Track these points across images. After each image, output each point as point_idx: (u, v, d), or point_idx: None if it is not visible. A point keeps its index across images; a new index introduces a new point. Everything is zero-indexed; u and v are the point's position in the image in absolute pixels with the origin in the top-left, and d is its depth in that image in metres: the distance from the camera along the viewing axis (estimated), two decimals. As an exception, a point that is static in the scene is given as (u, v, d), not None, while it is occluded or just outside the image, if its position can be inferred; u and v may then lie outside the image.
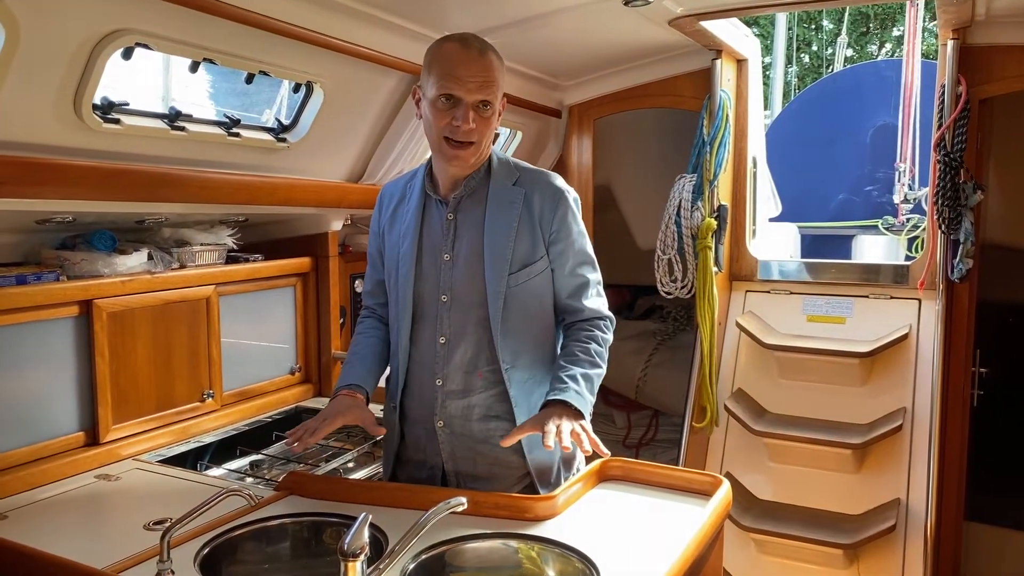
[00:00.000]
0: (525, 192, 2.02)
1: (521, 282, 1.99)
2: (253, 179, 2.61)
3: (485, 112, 1.93)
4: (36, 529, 1.88)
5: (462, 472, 2.05)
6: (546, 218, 2.01)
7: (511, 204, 2.01)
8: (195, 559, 1.68)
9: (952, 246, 3.39)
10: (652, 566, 1.64)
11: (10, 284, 2.09)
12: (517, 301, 1.99)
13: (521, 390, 2.01)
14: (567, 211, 2.04)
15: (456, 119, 1.90)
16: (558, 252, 2.04)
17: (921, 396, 3.50)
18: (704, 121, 3.74)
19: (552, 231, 2.02)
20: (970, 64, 3.32)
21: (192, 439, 2.59)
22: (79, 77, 1.94)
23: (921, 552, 3.25)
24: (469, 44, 1.93)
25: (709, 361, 3.76)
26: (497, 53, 1.97)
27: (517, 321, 2.00)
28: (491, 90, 1.92)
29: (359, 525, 1.39)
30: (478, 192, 2.03)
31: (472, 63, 1.90)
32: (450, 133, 1.92)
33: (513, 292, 1.98)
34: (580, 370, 1.97)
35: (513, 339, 2.00)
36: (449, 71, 1.90)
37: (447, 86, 1.89)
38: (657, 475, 2.11)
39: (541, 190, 2.03)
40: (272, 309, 3.03)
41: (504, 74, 1.98)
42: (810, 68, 18.19)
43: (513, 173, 2.06)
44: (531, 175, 2.07)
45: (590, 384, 1.97)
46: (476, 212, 2.02)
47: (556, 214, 2.02)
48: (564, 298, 2.07)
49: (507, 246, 1.98)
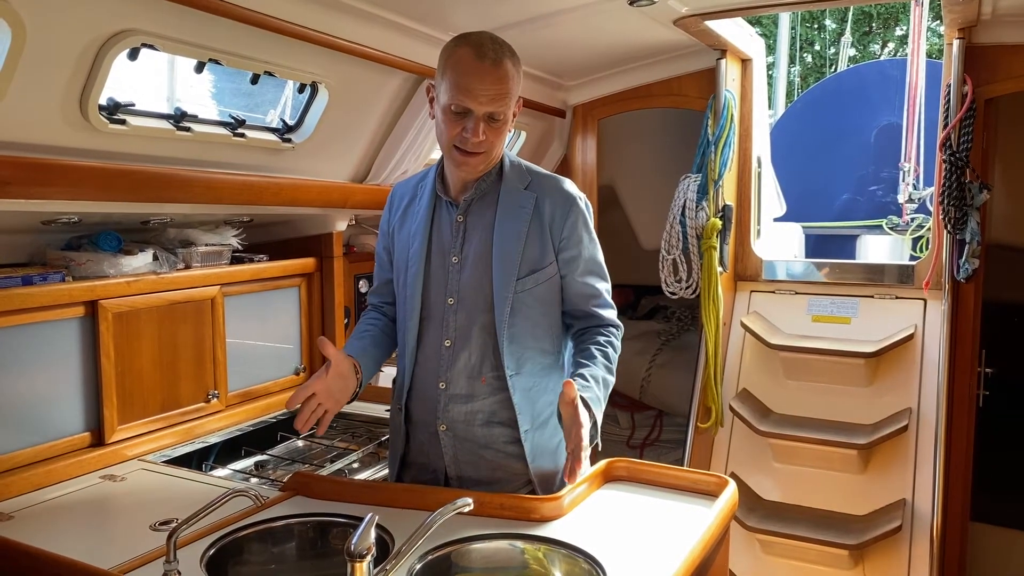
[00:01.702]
0: (536, 197, 1.99)
1: (528, 288, 1.96)
2: (258, 180, 2.61)
3: (496, 123, 1.89)
4: (42, 529, 1.88)
5: (465, 476, 2.03)
6: (556, 224, 1.98)
7: (522, 209, 1.98)
8: (201, 559, 1.68)
9: (958, 246, 3.38)
10: (658, 567, 1.64)
11: (16, 285, 2.10)
12: (524, 307, 1.96)
13: (525, 397, 1.99)
14: (578, 218, 2.01)
15: (467, 130, 1.87)
16: (568, 259, 2.00)
17: (927, 396, 3.49)
18: (709, 121, 3.74)
19: (563, 238, 1.99)
20: (976, 63, 3.32)
21: (197, 439, 2.59)
22: (85, 78, 1.94)
23: (927, 553, 3.25)
24: (484, 54, 1.85)
25: (714, 361, 3.75)
26: (514, 57, 1.92)
27: (523, 328, 1.97)
28: (503, 102, 1.88)
29: (365, 526, 1.39)
30: (489, 195, 2.01)
31: (485, 75, 1.84)
32: (460, 143, 1.90)
33: (520, 298, 1.95)
34: (600, 372, 1.95)
35: (518, 345, 1.97)
36: (461, 83, 1.84)
37: (459, 97, 1.85)
38: (663, 476, 2.11)
39: (553, 195, 2.00)
40: (277, 309, 3.03)
41: (520, 79, 1.93)
42: (813, 68, 18.18)
43: (525, 177, 2.03)
44: (543, 180, 2.04)
45: (605, 390, 1.95)
46: (486, 215, 2.00)
47: (567, 220, 1.99)
48: (574, 305, 2.04)
49: (516, 251, 1.95)
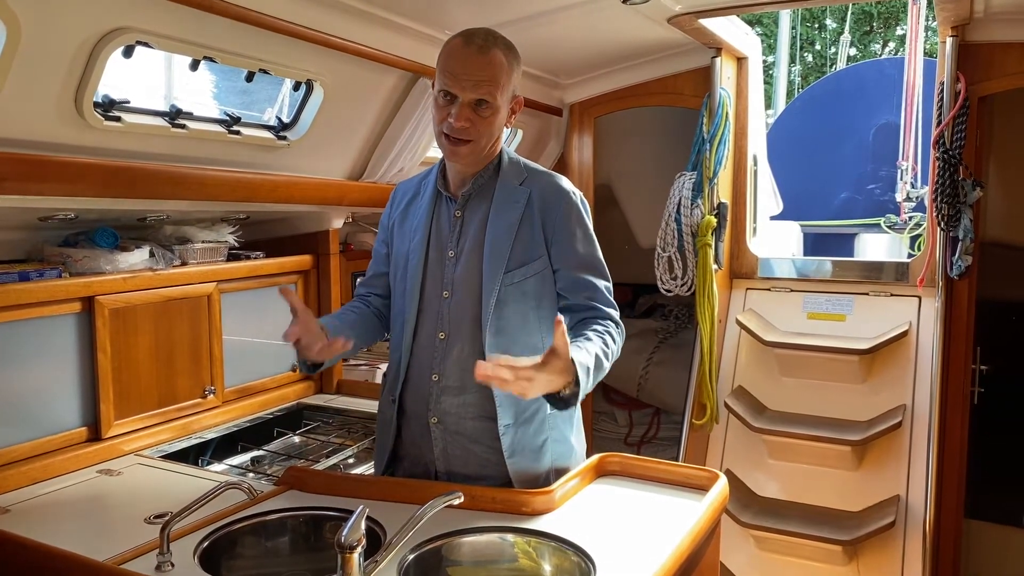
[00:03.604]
0: (530, 192, 2.00)
1: (517, 281, 1.97)
2: (254, 177, 2.62)
3: (484, 111, 1.90)
4: (38, 523, 1.89)
5: (453, 472, 2.03)
6: (549, 217, 1.99)
7: (515, 203, 1.99)
8: (195, 552, 1.69)
9: (951, 243, 3.39)
10: (648, 560, 1.65)
11: (13, 281, 2.12)
12: (512, 300, 1.96)
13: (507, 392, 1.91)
14: (570, 212, 2.00)
15: (451, 116, 1.89)
16: (559, 253, 2.00)
17: (921, 393, 3.50)
18: (704, 119, 3.75)
19: (554, 231, 1.99)
20: (969, 61, 3.33)
21: (194, 435, 2.61)
22: (80, 75, 1.96)
23: (920, 549, 3.26)
24: (471, 40, 1.89)
25: (709, 358, 3.76)
26: (509, 49, 1.93)
27: (511, 321, 1.97)
28: (488, 89, 1.88)
29: (356, 518, 1.41)
30: (485, 190, 2.02)
31: (470, 60, 1.88)
32: (447, 130, 1.91)
33: (508, 291, 1.96)
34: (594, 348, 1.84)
35: (505, 338, 1.95)
36: (448, 67, 1.89)
37: (444, 82, 1.89)
38: (654, 470, 2.12)
39: (545, 190, 2.01)
40: (273, 306, 3.02)
41: (513, 71, 1.94)
42: (813, 67, 18.17)
43: (521, 173, 2.04)
44: (538, 176, 2.06)
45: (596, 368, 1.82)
46: (482, 209, 2.01)
47: (558, 214, 1.99)
48: (569, 299, 2.01)
49: (506, 243, 1.96)
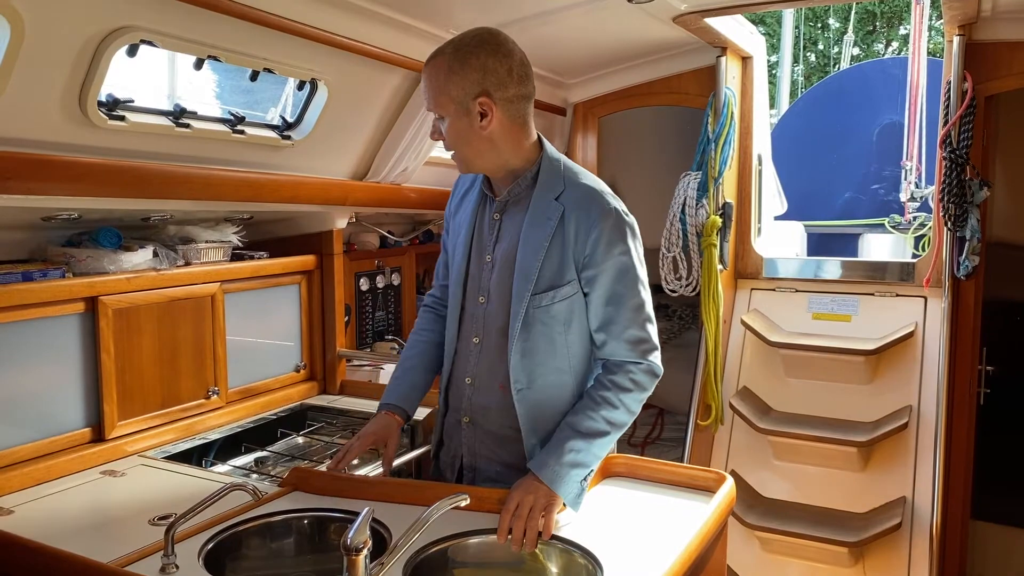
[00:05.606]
0: (564, 210, 1.89)
1: (544, 304, 1.88)
2: (258, 176, 2.61)
3: (443, 123, 1.88)
4: (42, 524, 1.88)
5: (478, 468, 2.02)
6: (580, 240, 1.87)
7: (547, 220, 1.89)
8: (199, 554, 1.69)
9: (958, 243, 3.38)
10: (655, 562, 1.64)
11: (16, 281, 2.11)
12: (539, 323, 1.89)
13: (530, 414, 1.91)
14: (602, 234, 1.87)
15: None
16: (590, 278, 1.89)
17: (927, 394, 3.49)
18: (709, 118, 3.74)
19: (585, 255, 1.88)
20: (976, 60, 3.31)
21: (197, 436, 2.60)
22: (84, 74, 1.95)
23: (927, 550, 3.24)
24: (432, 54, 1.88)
25: (714, 359, 3.75)
26: (459, 51, 1.83)
27: (538, 344, 1.90)
28: (434, 101, 1.87)
29: (362, 520, 1.40)
30: (522, 199, 1.95)
31: (423, 77, 1.90)
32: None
33: (535, 314, 1.88)
34: (573, 442, 1.83)
35: (530, 360, 1.90)
36: None
37: None
38: (661, 472, 2.11)
39: (579, 210, 1.89)
40: (277, 306, 3.03)
41: (464, 74, 1.82)
42: (816, 67, 18.16)
43: (558, 185, 1.92)
44: (575, 191, 1.92)
45: (583, 457, 1.83)
46: (518, 219, 1.94)
47: (590, 237, 1.87)
48: (593, 330, 1.93)
49: (534, 264, 1.88)
